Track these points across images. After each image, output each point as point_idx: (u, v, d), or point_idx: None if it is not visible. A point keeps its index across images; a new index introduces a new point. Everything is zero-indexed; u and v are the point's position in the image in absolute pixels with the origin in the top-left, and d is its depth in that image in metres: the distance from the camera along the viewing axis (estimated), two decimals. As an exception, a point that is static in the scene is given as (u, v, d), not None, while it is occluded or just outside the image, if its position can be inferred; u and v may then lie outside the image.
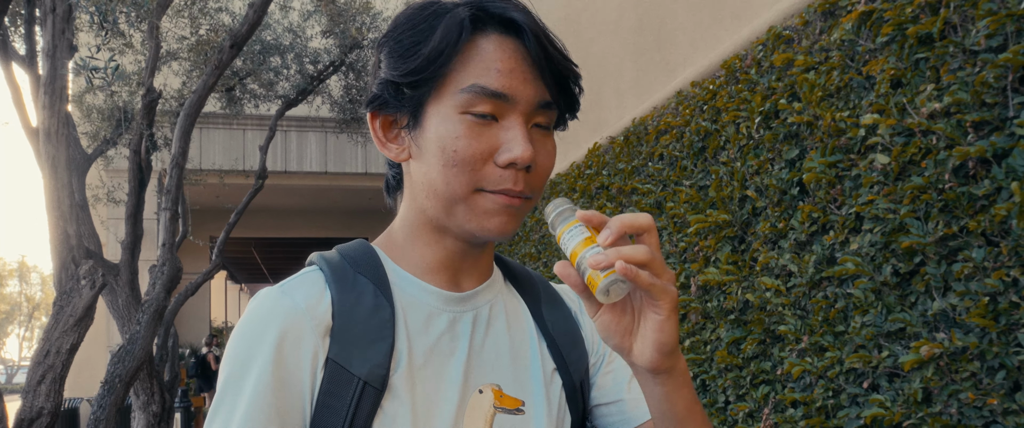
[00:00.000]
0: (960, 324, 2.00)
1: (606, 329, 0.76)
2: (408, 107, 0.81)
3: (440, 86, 0.79)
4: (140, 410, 5.76)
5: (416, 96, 0.80)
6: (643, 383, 0.79)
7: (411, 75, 0.78)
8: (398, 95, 0.81)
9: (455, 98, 0.78)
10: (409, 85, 0.79)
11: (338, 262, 0.85)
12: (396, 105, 0.81)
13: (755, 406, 2.85)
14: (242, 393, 0.76)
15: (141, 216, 4.88)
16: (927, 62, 2.12)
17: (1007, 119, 1.89)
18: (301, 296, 0.81)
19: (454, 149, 0.78)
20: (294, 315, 0.79)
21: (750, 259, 2.90)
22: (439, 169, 0.79)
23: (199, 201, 11.63)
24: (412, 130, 0.81)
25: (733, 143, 3.05)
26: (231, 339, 0.80)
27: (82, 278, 3.02)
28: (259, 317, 0.79)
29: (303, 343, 0.78)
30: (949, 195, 1.99)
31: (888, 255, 2.22)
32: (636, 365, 0.77)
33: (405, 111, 0.81)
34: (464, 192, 0.79)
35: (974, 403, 1.95)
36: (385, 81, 0.81)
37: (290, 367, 0.78)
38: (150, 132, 4.83)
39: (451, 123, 0.78)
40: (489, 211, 0.80)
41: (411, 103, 0.80)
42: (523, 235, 6.07)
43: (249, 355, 0.77)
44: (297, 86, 6.97)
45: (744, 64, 3.06)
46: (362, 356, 0.79)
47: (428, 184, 0.81)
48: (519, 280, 0.99)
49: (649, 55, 4.66)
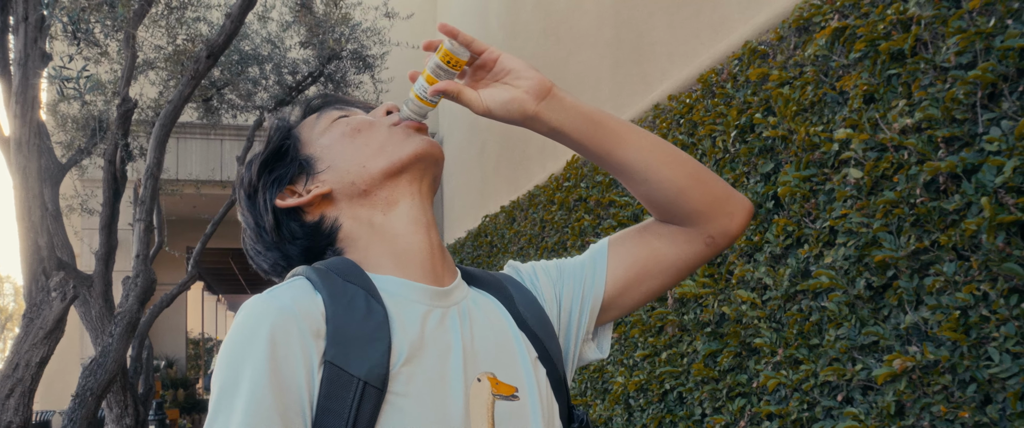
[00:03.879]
0: (932, 337, 2.02)
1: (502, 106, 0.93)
2: (295, 170, 0.97)
3: (312, 133, 1.00)
4: (113, 423, 5.68)
5: (295, 151, 0.98)
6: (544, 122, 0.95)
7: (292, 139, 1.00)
8: (285, 163, 0.98)
9: (324, 125, 1.00)
10: (289, 152, 0.99)
11: (324, 271, 0.87)
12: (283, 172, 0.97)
13: (731, 419, 2.85)
14: (238, 396, 0.74)
15: (115, 227, 4.81)
16: (899, 78, 2.14)
17: (976, 135, 1.91)
18: (289, 298, 0.81)
19: (359, 138, 0.98)
20: (283, 315, 0.79)
21: (726, 272, 2.92)
22: (361, 155, 0.97)
23: (176, 212, 11.51)
24: (314, 178, 0.97)
25: (709, 156, 3.07)
26: (222, 348, 0.79)
27: (53, 289, 2.97)
28: (248, 321, 0.78)
29: (294, 342, 0.78)
30: (921, 210, 2.01)
31: (861, 269, 2.24)
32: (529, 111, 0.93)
33: (292, 178, 0.98)
34: (388, 147, 0.97)
35: (946, 416, 1.97)
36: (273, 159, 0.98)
37: (285, 368, 0.77)
38: (125, 142, 4.78)
39: (339, 128, 1.00)
40: (405, 145, 0.99)
41: (293, 163, 0.97)
42: (501, 246, 6.07)
43: (242, 358, 0.76)
44: (275, 96, 6.93)
45: (720, 78, 3.09)
46: (360, 356, 0.80)
47: (350, 174, 0.96)
48: (484, 282, 1.03)
49: (627, 68, 4.69)
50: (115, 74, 6.54)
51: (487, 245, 6.57)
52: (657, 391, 3.34)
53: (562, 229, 4.63)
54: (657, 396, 3.36)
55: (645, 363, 3.46)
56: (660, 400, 3.36)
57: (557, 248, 4.69)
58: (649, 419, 3.37)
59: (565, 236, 4.54)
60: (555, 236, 4.77)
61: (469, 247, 7.23)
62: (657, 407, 3.36)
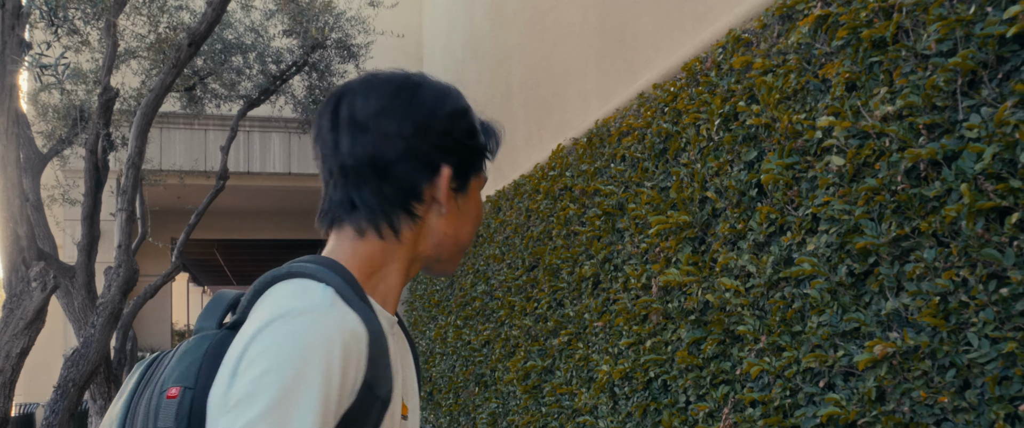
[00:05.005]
0: (912, 323, 2.03)
1: None
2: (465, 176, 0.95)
3: (483, 170, 0.99)
4: (97, 415, 5.64)
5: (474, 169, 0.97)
6: None
7: (482, 154, 0.97)
8: (468, 166, 0.95)
9: (479, 180, 0.98)
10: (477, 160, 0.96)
11: (344, 286, 0.86)
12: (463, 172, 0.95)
13: (715, 406, 2.87)
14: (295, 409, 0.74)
15: (98, 217, 4.78)
16: (880, 66, 2.15)
17: (957, 122, 1.92)
18: (352, 320, 0.82)
19: (480, 216, 1.00)
20: (351, 339, 0.80)
21: (710, 260, 2.92)
22: (469, 228, 0.98)
23: (160, 202, 11.43)
24: (458, 193, 0.95)
25: (693, 145, 3.07)
26: (282, 335, 0.77)
27: (33, 280, 2.94)
28: (319, 337, 0.78)
29: (351, 368, 0.79)
30: (902, 197, 2.02)
31: (843, 256, 2.25)
32: None
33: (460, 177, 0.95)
34: (467, 244, 1.00)
35: (926, 401, 1.98)
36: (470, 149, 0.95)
37: (340, 391, 0.78)
38: (107, 132, 4.74)
39: (478, 197, 1.00)
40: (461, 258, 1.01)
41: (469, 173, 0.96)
42: (487, 237, 6.06)
43: (306, 373, 0.75)
44: (259, 86, 6.88)
45: (704, 66, 3.09)
46: (382, 377, 0.84)
47: (452, 235, 0.96)
48: None
49: (612, 57, 4.68)
50: (96, 63, 6.48)
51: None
52: (642, 379, 3.36)
53: (548, 218, 4.63)
54: (642, 384, 3.37)
55: (630, 351, 3.47)
56: (645, 388, 3.37)
57: (542, 237, 4.69)
58: (634, 407, 3.39)
59: (550, 225, 4.54)
60: (540, 225, 4.77)
61: (455, 237, 7.22)
62: (642, 395, 3.37)
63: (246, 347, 0.77)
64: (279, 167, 9.74)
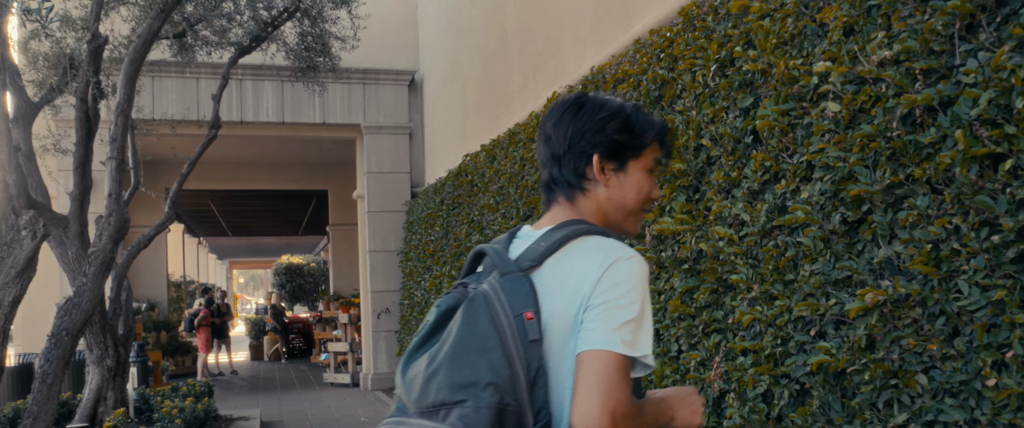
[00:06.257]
0: (904, 271, 2.03)
1: None
2: (621, 159, 1.33)
3: (642, 154, 1.34)
4: (94, 365, 5.68)
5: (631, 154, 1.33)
6: None
7: (639, 144, 1.33)
8: (622, 152, 1.32)
9: (647, 161, 1.35)
10: (633, 148, 1.33)
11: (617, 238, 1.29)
12: (617, 156, 1.32)
13: (707, 354, 2.88)
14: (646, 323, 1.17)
15: (90, 167, 4.74)
16: (879, 9, 2.11)
17: (954, 67, 1.89)
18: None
19: (643, 188, 1.35)
20: None
21: (704, 208, 2.91)
22: (632, 196, 1.34)
23: (153, 152, 11.36)
24: (618, 172, 1.33)
25: (689, 91, 3.03)
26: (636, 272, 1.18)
27: (23, 229, 2.92)
28: (644, 264, 1.20)
29: None
30: (897, 143, 2.00)
31: (837, 204, 2.23)
32: None
33: (615, 160, 1.32)
34: (637, 209, 1.36)
35: (915, 349, 1.99)
36: (619, 142, 1.32)
37: None
38: (97, 80, 4.67)
39: (642, 174, 1.35)
40: (638, 220, 1.39)
41: (625, 157, 1.33)
42: (482, 186, 6.04)
43: (646, 286, 1.19)
44: (250, 32, 6.77)
45: (701, 11, 3.03)
46: None
47: (620, 201, 1.33)
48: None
49: (609, 2, 4.60)
50: (85, 10, 6.36)
51: (467, 184, 6.54)
52: (634, 327, 3.36)
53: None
54: (634, 332, 3.38)
55: (623, 300, 3.47)
56: (637, 336, 3.38)
57: (536, 186, 4.67)
58: (626, 355, 3.40)
59: (545, 174, 4.51)
60: (535, 174, 4.74)
61: (450, 187, 7.20)
62: (634, 343, 3.38)
63: (602, 275, 1.16)
64: (272, 116, 9.65)
